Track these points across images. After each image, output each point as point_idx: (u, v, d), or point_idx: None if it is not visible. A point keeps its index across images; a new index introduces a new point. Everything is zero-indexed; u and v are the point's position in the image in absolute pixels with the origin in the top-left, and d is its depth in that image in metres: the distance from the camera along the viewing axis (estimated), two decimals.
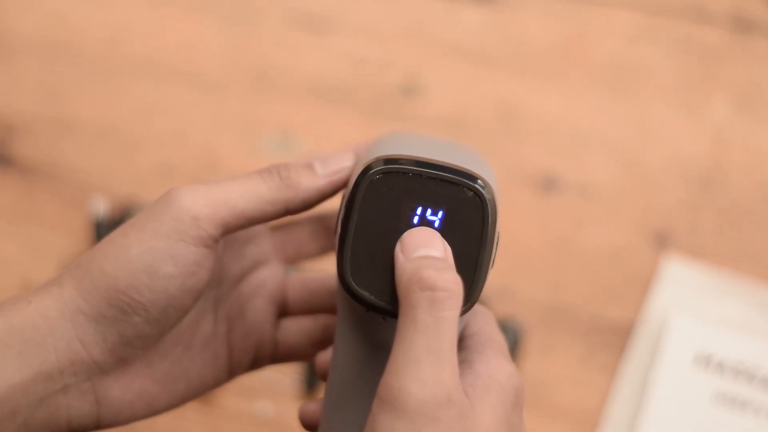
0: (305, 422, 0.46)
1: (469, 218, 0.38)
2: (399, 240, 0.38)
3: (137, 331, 0.42)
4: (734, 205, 0.70)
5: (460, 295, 0.37)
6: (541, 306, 0.69)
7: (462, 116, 0.73)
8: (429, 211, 0.38)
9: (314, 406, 0.46)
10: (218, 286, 0.47)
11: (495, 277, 0.68)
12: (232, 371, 0.48)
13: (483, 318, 0.43)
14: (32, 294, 0.42)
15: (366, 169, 0.39)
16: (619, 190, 0.71)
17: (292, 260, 0.51)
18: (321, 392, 0.66)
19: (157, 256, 0.40)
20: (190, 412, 0.66)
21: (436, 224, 0.38)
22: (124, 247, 0.41)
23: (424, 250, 0.38)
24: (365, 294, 0.39)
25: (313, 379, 0.67)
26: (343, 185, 0.44)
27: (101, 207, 0.71)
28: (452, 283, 0.36)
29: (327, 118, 0.74)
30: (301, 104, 0.74)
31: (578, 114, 0.73)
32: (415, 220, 0.38)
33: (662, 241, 0.70)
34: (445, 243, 0.38)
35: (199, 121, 0.75)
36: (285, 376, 0.67)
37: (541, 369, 0.67)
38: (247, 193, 0.42)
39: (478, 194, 0.38)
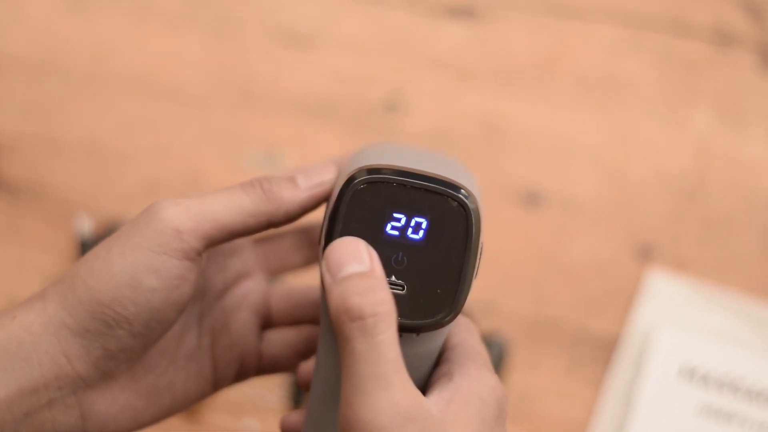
0: None
1: (453, 228, 0.38)
2: (323, 256, 0.38)
3: (121, 344, 0.42)
4: (717, 216, 0.71)
5: (391, 314, 0.36)
6: (525, 320, 0.69)
7: (445, 131, 0.73)
8: (413, 221, 0.38)
9: (296, 417, 0.46)
10: (202, 298, 0.47)
11: (479, 292, 0.68)
12: (216, 384, 0.48)
13: (465, 329, 0.43)
14: (16, 309, 0.42)
15: (350, 180, 0.39)
16: (603, 203, 0.71)
17: (276, 272, 0.51)
18: None
19: (141, 269, 0.40)
20: (176, 429, 0.66)
21: (420, 234, 0.38)
22: (107, 261, 0.41)
23: (347, 268, 0.37)
24: None
25: (299, 395, 0.67)
26: (325, 198, 0.44)
27: (86, 225, 0.71)
28: (380, 305, 0.36)
29: (311, 133, 0.74)
30: (284, 120, 0.75)
31: (561, 127, 0.73)
32: (399, 230, 0.38)
33: (646, 254, 0.70)
34: (369, 248, 0.38)
35: (183, 137, 0.75)
36: (271, 393, 0.67)
37: (526, 382, 0.67)
38: (230, 207, 0.42)
39: (461, 204, 0.38)
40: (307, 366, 0.47)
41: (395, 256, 0.39)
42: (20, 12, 0.78)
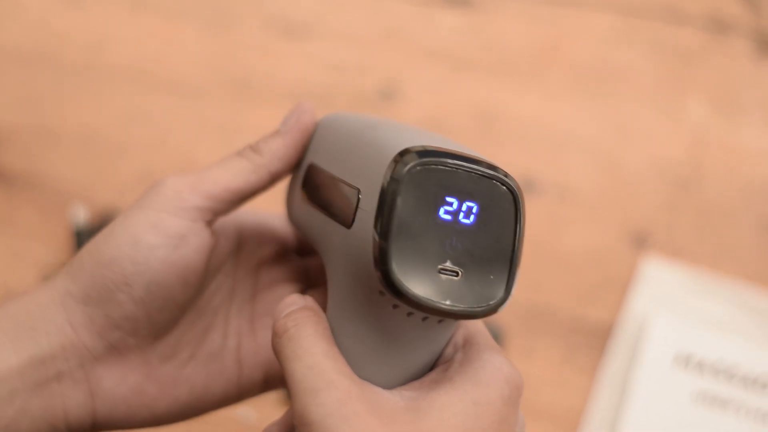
0: None
1: (502, 212, 0.38)
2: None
3: (123, 311, 0.42)
4: (712, 205, 0.70)
5: (308, 318, 0.39)
6: (521, 308, 0.69)
7: (440, 119, 0.73)
8: (464, 206, 0.38)
9: (278, 428, 0.45)
10: (230, 301, 0.47)
11: None
12: (242, 388, 0.47)
13: None
14: (30, 289, 0.43)
15: (403, 163, 0.37)
16: (598, 192, 0.71)
17: (316, 285, 0.50)
18: None
19: (140, 226, 0.42)
20: None
21: (471, 219, 0.38)
22: (110, 228, 0.43)
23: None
24: (412, 291, 0.37)
25: None
26: (307, 131, 0.45)
27: (82, 215, 0.71)
28: (281, 321, 0.39)
29: None
30: (280, 110, 0.74)
31: (556, 116, 0.73)
32: (452, 215, 0.38)
33: (641, 242, 0.70)
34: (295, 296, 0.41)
35: (179, 128, 0.75)
36: None
37: (522, 370, 0.66)
38: (229, 168, 0.44)
39: (509, 188, 0.38)
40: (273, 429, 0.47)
41: (449, 241, 0.38)
42: (16, 4, 0.78)
